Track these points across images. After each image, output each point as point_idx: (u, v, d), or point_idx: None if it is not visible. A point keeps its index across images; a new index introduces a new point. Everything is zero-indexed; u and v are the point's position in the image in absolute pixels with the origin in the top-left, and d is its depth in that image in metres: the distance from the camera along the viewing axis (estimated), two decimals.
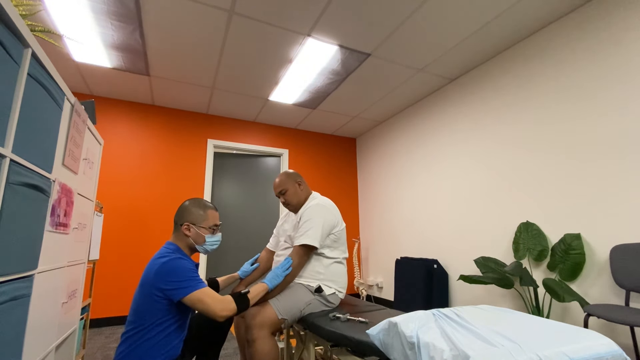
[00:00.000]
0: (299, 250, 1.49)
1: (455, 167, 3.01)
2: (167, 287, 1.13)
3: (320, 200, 1.68)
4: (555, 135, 2.21)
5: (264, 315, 1.35)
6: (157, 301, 1.14)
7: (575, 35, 2.14)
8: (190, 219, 1.29)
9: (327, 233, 1.57)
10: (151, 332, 1.13)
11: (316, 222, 1.53)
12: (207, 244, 1.31)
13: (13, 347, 0.86)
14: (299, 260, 1.49)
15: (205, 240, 1.30)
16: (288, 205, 1.71)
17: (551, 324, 0.83)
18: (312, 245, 1.49)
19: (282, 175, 1.73)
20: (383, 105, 3.65)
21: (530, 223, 2.28)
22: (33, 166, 0.93)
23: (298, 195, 1.69)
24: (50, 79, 1.03)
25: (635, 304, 1.76)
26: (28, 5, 1.18)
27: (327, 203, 1.67)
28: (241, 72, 2.93)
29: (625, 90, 1.87)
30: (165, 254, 1.21)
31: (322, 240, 1.53)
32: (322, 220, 1.55)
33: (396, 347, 0.86)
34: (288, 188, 1.68)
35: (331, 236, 1.59)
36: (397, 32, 2.36)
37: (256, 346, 1.30)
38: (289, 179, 1.71)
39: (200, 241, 1.30)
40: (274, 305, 1.38)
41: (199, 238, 1.29)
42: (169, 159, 3.62)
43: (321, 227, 1.53)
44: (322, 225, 1.54)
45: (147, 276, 1.18)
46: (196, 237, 1.29)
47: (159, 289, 1.13)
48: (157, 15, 2.19)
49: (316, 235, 1.50)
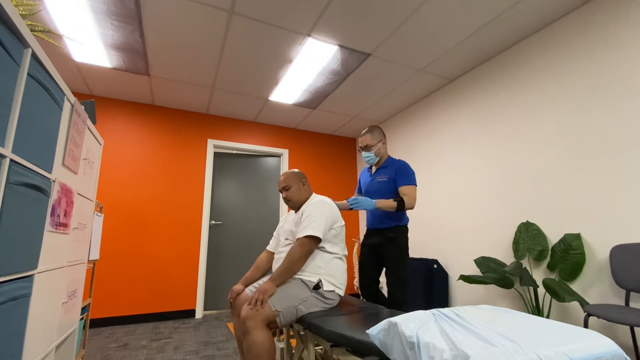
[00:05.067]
0: (302, 241, 1.53)
1: (455, 167, 3.01)
2: None
3: (321, 198, 1.75)
4: (555, 135, 2.21)
5: (250, 309, 1.37)
6: None
7: (574, 34, 2.14)
8: None
9: (329, 227, 1.62)
10: None
11: (319, 216, 1.59)
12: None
13: (13, 347, 0.86)
14: (304, 250, 1.52)
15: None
16: (289, 202, 1.78)
17: (551, 324, 0.83)
18: (316, 235, 1.53)
19: (289, 172, 1.82)
20: (383, 105, 3.65)
21: (530, 223, 2.28)
22: (33, 166, 0.93)
23: (300, 193, 1.78)
24: (50, 79, 1.03)
25: (635, 304, 1.76)
26: (28, 5, 1.18)
27: (327, 200, 1.74)
28: (241, 72, 2.94)
29: (626, 89, 1.87)
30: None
31: (325, 232, 1.58)
32: (324, 214, 1.61)
33: (396, 347, 0.86)
34: (292, 185, 1.77)
35: (332, 231, 1.64)
36: (397, 32, 2.36)
37: (251, 337, 1.32)
38: (295, 177, 1.80)
39: None
40: (270, 297, 1.41)
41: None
42: (169, 159, 3.62)
43: (324, 220, 1.59)
44: (325, 218, 1.60)
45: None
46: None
47: None
48: (157, 15, 2.19)
49: (320, 227, 1.56)
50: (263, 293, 1.40)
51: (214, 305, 3.67)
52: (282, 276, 1.49)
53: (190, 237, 3.58)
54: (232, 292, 1.69)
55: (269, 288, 1.43)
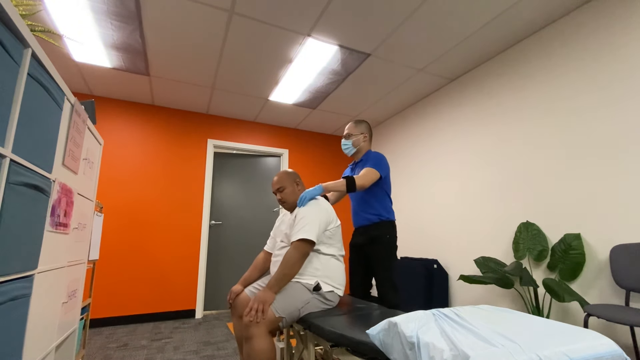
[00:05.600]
0: (297, 244, 1.50)
1: (455, 167, 3.01)
2: None
3: (314, 200, 1.70)
4: (555, 135, 2.21)
5: (249, 320, 1.35)
6: None
7: (574, 34, 2.14)
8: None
9: (323, 229, 1.59)
10: None
11: (312, 218, 1.56)
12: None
13: (13, 347, 0.86)
14: (299, 254, 1.49)
15: None
16: (284, 203, 1.75)
17: (551, 324, 0.83)
18: (310, 239, 1.50)
19: (282, 173, 1.77)
20: (383, 105, 3.65)
21: (530, 223, 2.28)
22: (33, 166, 0.93)
23: (295, 194, 1.74)
24: (50, 79, 1.03)
25: (635, 304, 1.76)
26: (28, 5, 1.18)
27: (321, 201, 1.70)
28: (241, 72, 2.94)
29: (625, 89, 1.87)
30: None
31: (319, 235, 1.55)
32: (317, 216, 1.57)
33: (396, 347, 0.86)
34: (286, 186, 1.73)
35: (326, 232, 1.61)
36: (397, 32, 2.36)
37: (253, 344, 1.30)
38: (288, 178, 1.75)
39: None
40: (272, 304, 1.39)
41: None
42: (169, 158, 3.62)
43: (317, 222, 1.56)
44: (319, 220, 1.57)
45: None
46: None
47: None
48: (157, 15, 2.19)
49: (313, 230, 1.52)
50: (262, 303, 1.36)
51: (214, 305, 3.67)
52: (279, 283, 1.45)
53: (190, 237, 3.58)
54: (231, 293, 1.68)
55: (268, 297, 1.39)
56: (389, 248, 1.88)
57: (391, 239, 1.89)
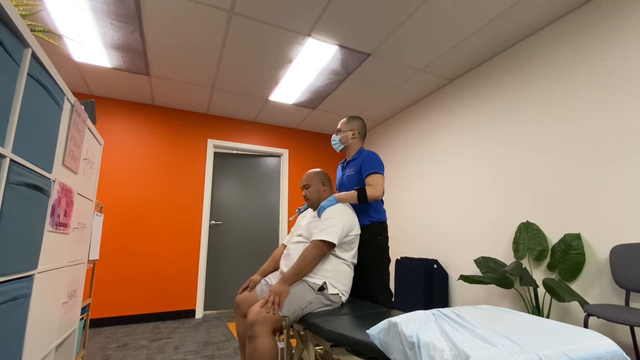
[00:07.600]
0: (318, 244, 1.54)
1: (456, 167, 3.01)
2: None
3: (342, 204, 1.73)
4: (555, 135, 2.21)
5: (265, 312, 1.36)
6: None
7: (575, 35, 2.14)
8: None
9: (345, 234, 1.61)
10: None
11: (338, 221, 1.60)
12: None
13: (13, 347, 0.86)
14: (317, 253, 1.53)
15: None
16: (307, 200, 1.84)
17: (551, 324, 0.83)
18: (331, 241, 1.53)
19: (312, 171, 1.87)
20: (383, 105, 3.65)
21: (530, 223, 2.28)
22: (33, 166, 0.93)
23: (319, 193, 1.82)
24: (50, 79, 1.03)
25: (635, 304, 1.76)
26: (28, 5, 1.18)
27: (348, 207, 1.73)
28: (241, 72, 2.94)
29: (625, 89, 1.87)
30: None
31: (340, 239, 1.58)
32: (342, 220, 1.61)
33: (396, 347, 0.86)
34: (312, 185, 1.82)
35: (347, 238, 1.63)
36: (397, 32, 2.36)
37: (256, 343, 1.31)
38: (316, 177, 1.84)
39: None
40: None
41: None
42: (169, 159, 3.62)
43: (342, 226, 1.59)
44: (343, 225, 1.60)
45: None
46: None
47: None
48: (157, 15, 2.19)
49: (336, 233, 1.56)
50: (278, 295, 1.38)
51: (214, 305, 3.67)
52: (294, 277, 1.49)
53: (190, 237, 3.58)
54: (251, 282, 1.73)
55: (284, 290, 1.42)
56: (380, 250, 1.85)
57: (382, 240, 1.87)
